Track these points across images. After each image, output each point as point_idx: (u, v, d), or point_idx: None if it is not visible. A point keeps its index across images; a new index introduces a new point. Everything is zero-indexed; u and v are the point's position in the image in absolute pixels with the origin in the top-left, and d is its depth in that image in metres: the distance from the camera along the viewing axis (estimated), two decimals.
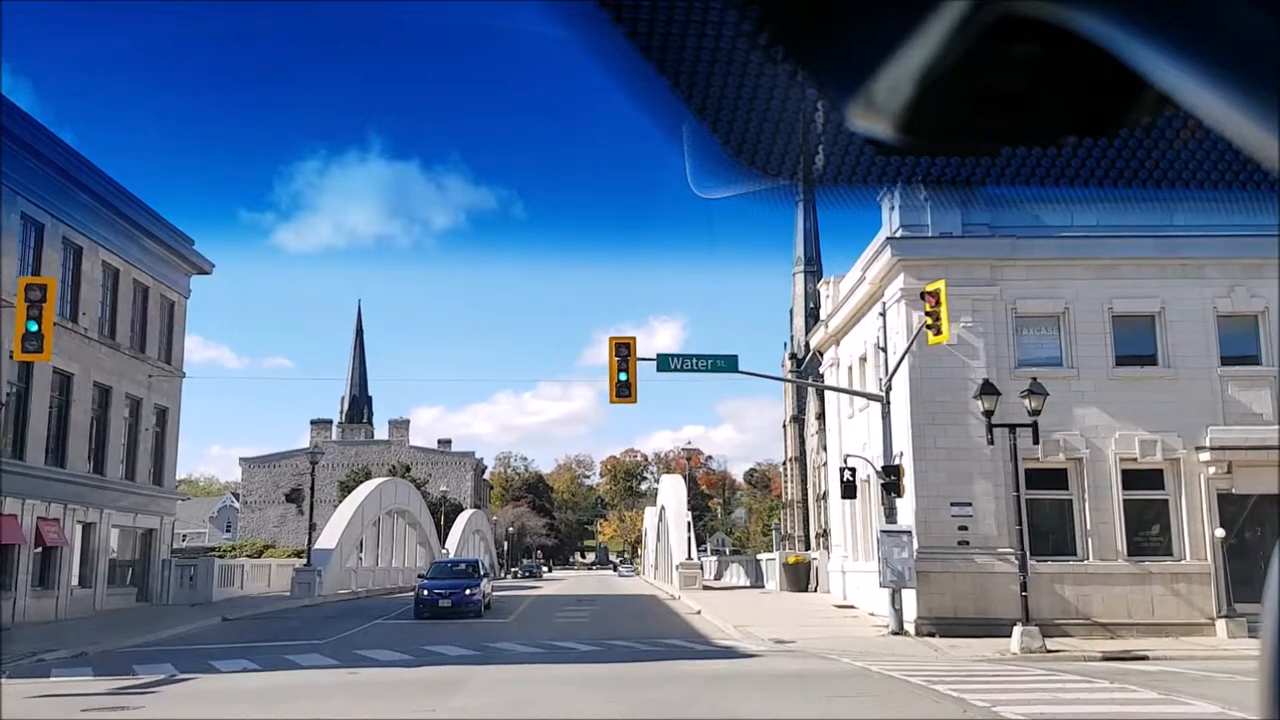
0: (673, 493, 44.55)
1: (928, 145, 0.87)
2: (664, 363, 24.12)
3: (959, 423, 24.53)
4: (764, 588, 38.95)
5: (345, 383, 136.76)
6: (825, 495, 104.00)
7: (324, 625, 25.93)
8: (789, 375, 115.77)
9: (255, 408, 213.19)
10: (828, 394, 34.35)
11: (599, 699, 13.56)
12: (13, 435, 27.04)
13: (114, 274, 32.51)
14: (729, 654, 20.60)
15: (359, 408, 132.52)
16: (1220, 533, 23.05)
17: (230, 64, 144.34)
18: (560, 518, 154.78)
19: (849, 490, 24.06)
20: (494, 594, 41.64)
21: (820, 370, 35.53)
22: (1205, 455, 24.00)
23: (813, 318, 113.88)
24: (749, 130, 0.89)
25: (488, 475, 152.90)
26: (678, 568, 36.84)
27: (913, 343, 23.34)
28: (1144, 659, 20.15)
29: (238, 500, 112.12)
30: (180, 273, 36.82)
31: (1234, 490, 23.85)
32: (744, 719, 12.17)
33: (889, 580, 23.17)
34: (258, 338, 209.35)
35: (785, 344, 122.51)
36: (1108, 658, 20.25)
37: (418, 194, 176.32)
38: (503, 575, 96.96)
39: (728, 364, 24.63)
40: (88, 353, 30.70)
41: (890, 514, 23.93)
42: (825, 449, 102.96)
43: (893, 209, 23.82)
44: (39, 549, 28.38)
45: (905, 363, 24.32)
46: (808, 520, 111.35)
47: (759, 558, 43.63)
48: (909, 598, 23.65)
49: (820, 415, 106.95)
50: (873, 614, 27.37)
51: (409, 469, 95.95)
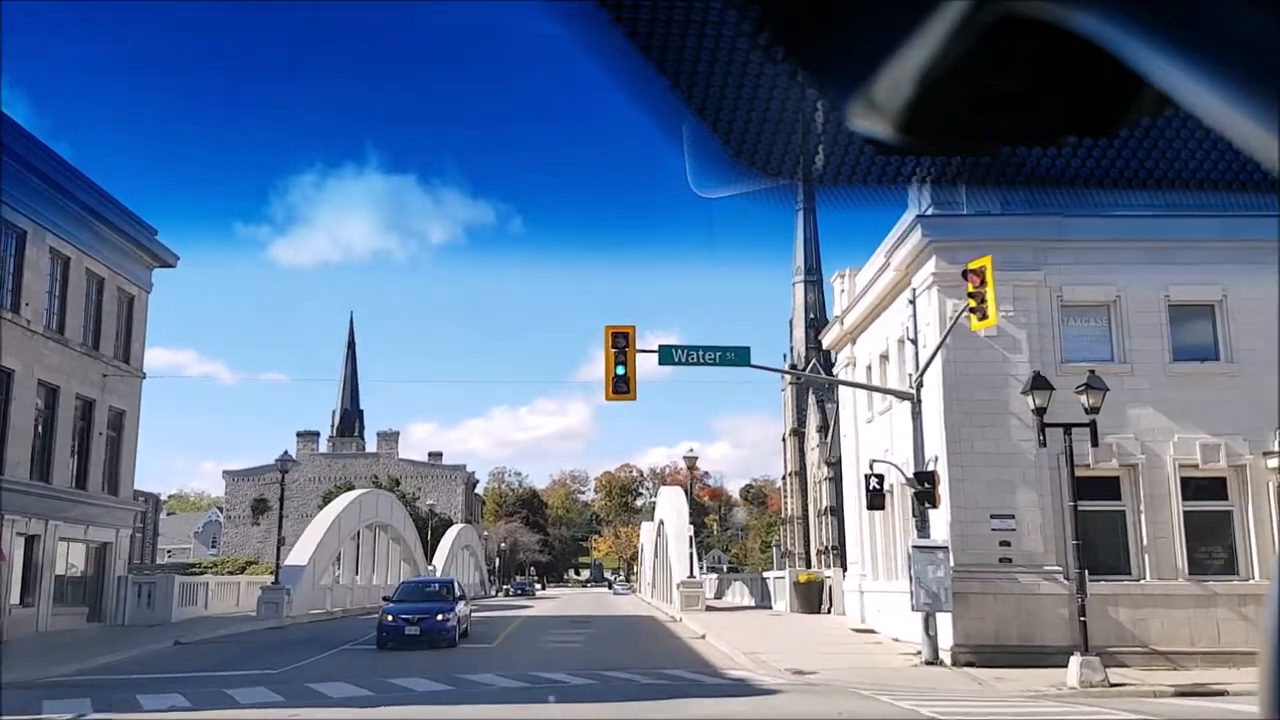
0: (672, 505, 41.77)
1: (928, 145, 0.86)
2: (666, 355, 21.35)
3: (999, 424, 21.79)
4: (771, 608, 36.08)
5: (336, 396, 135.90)
6: (828, 510, 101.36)
7: (282, 652, 23.02)
8: (789, 387, 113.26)
9: (250, 423, 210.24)
10: (842, 399, 31.65)
11: None
12: None
13: (64, 262, 29.70)
14: (743, 689, 17.75)
15: (350, 421, 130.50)
16: None
17: (227, 76, 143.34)
18: (554, 534, 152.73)
19: (876, 500, 21.26)
20: (480, 615, 38.71)
21: (833, 373, 32.75)
22: (1274, 461, 21.23)
23: (813, 328, 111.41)
24: (749, 130, 0.88)
25: (481, 490, 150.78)
26: (679, 586, 34.04)
27: (949, 332, 20.60)
28: (1222, 694, 17.34)
29: (223, 514, 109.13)
30: (140, 265, 33.99)
31: None
32: None
33: (922, 603, 20.35)
34: (252, 352, 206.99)
35: (785, 355, 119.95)
36: (1181, 693, 17.44)
37: (415, 208, 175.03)
38: (493, 593, 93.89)
39: (738, 356, 21.86)
40: (30, 347, 27.85)
41: (922, 527, 21.13)
42: (828, 463, 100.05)
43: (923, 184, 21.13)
44: None
45: (939, 357, 21.57)
46: (808, 536, 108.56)
47: (765, 576, 40.75)
48: (944, 622, 20.84)
49: (822, 428, 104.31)
50: (897, 639, 24.55)
51: (398, 482, 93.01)
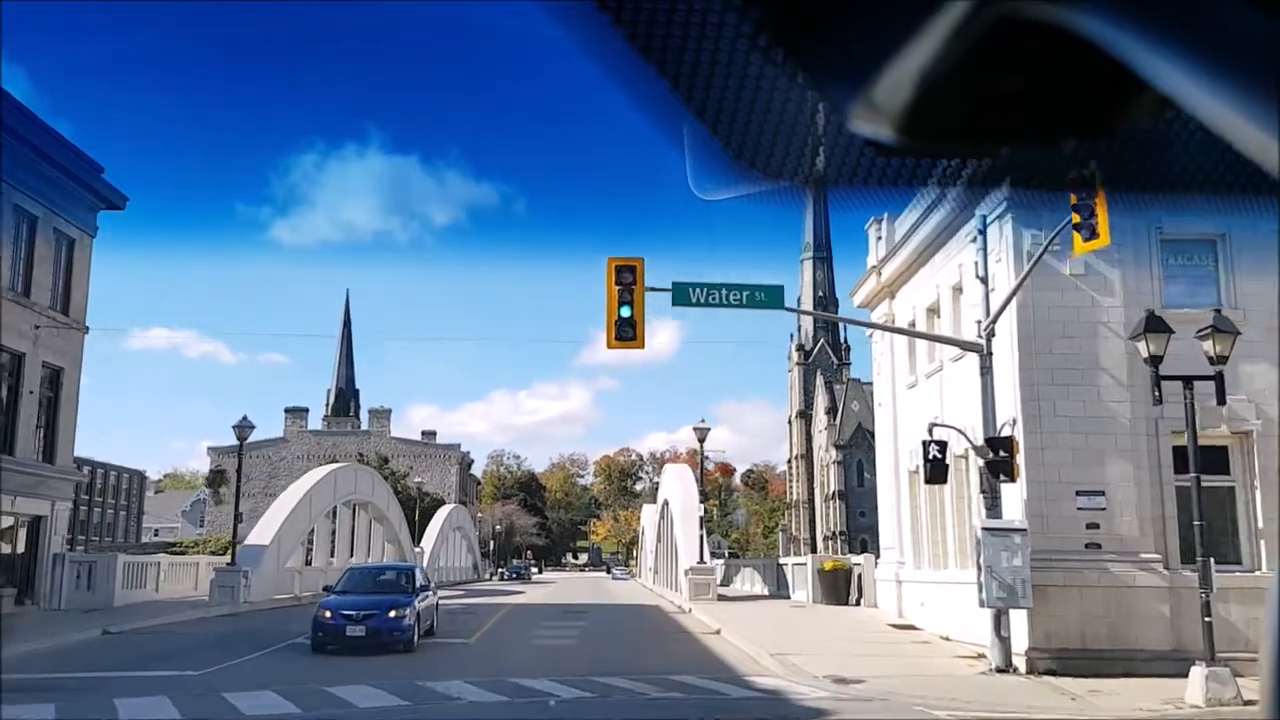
0: (679, 484, 38.00)
1: (928, 147, 0.86)
2: (682, 293, 17.45)
3: (1087, 381, 17.96)
4: (789, 598, 32.33)
5: (331, 375, 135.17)
6: (835, 494, 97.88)
7: (220, 647, 19.25)
8: (795, 368, 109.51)
9: (249, 403, 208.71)
10: (879, 363, 27.77)
11: None
12: None
13: None
14: (778, 703, 14.00)
15: (345, 400, 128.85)
16: None
17: (227, 56, 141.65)
18: (553, 517, 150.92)
19: (938, 472, 17.38)
20: (465, 602, 34.96)
21: (868, 334, 28.88)
22: None
23: (821, 306, 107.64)
24: (749, 132, 0.88)
25: (479, 473, 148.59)
26: (687, 573, 30.31)
27: (1033, 266, 16.72)
28: None
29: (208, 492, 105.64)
30: (82, 206, 30.05)
31: None
32: None
33: (995, 597, 16.56)
34: (253, 333, 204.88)
35: (792, 335, 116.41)
36: None
37: (417, 189, 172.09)
38: (488, 577, 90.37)
39: (770, 297, 17.97)
40: None
41: (993, 506, 17.31)
42: (836, 446, 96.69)
43: None
44: None
45: (1013, 303, 17.68)
46: (814, 521, 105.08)
47: (781, 562, 36.91)
48: (1017, 621, 17.08)
49: (830, 410, 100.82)
50: (948, 638, 20.80)
51: (387, 460, 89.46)
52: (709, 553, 32.23)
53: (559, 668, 16.26)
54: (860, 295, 28.45)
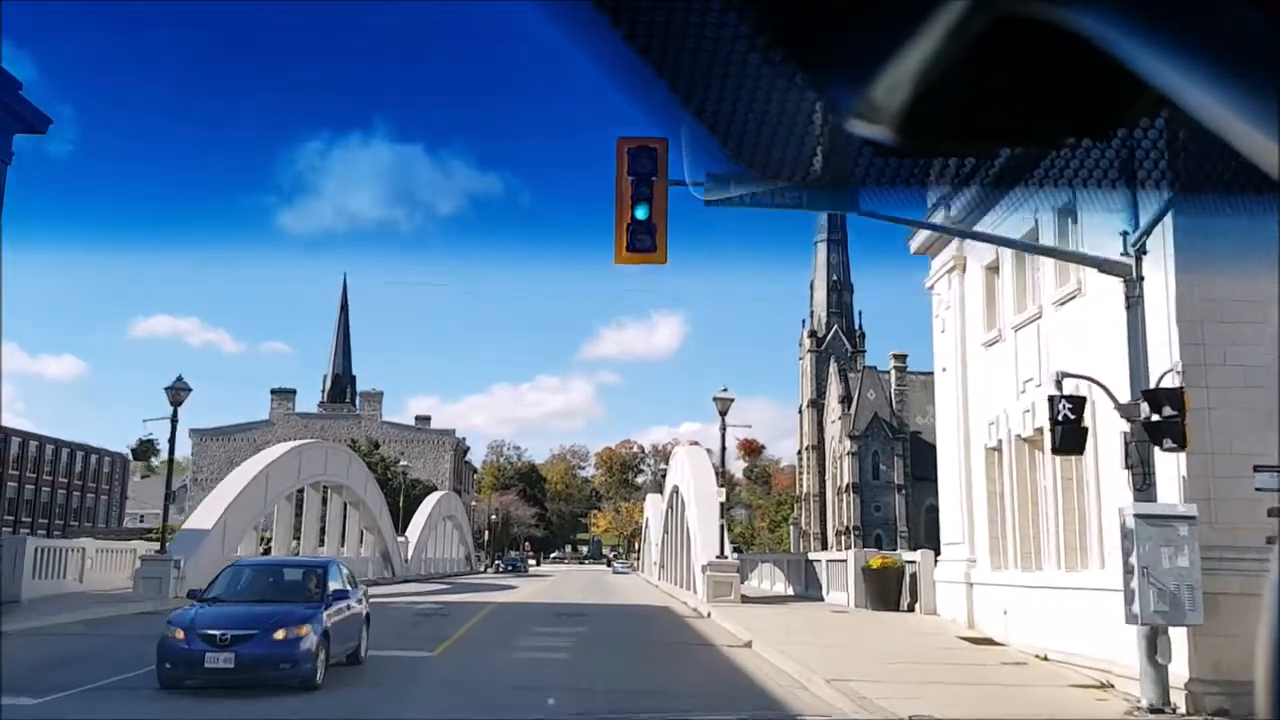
0: (692, 467, 33.21)
1: (926, 146, 0.86)
2: (721, 186, 12.62)
3: (1270, 319, 13.16)
4: (823, 599, 27.58)
5: (328, 361, 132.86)
6: (849, 487, 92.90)
7: (90, 663, 14.50)
8: (807, 355, 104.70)
9: (251, 392, 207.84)
10: (943, 320, 23.00)
11: None
12: None
13: None
14: None
15: (342, 387, 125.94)
16: None
17: (232, 43, 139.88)
18: (552, 509, 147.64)
19: (1072, 439, 12.52)
20: (443, 599, 30.26)
21: (928, 283, 24.02)
22: None
23: (835, 291, 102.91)
24: (747, 132, 0.89)
25: (478, 464, 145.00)
26: (705, 569, 25.43)
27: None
28: None
29: (190, 477, 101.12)
30: None
31: None
32: None
33: (1153, 611, 11.82)
34: (256, 322, 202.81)
35: (804, 321, 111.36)
36: None
37: (422, 179, 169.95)
38: (482, 569, 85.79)
39: (834, 200, 13.13)
40: None
41: (1145, 485, 12.52)
42: (851, 436, 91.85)
43: None
44: None
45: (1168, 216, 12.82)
46: (825, 515, 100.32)
47: (811, 558, 32.04)
48: (1177, 642, 12.34)
49: (844, 399, 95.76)
50: (1045, 658, 16.07)
51: (378, 445, 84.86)
52: (729, 546, 27.43)
53: (545, 704, 11.49)
54: (919, 239, 23.62)
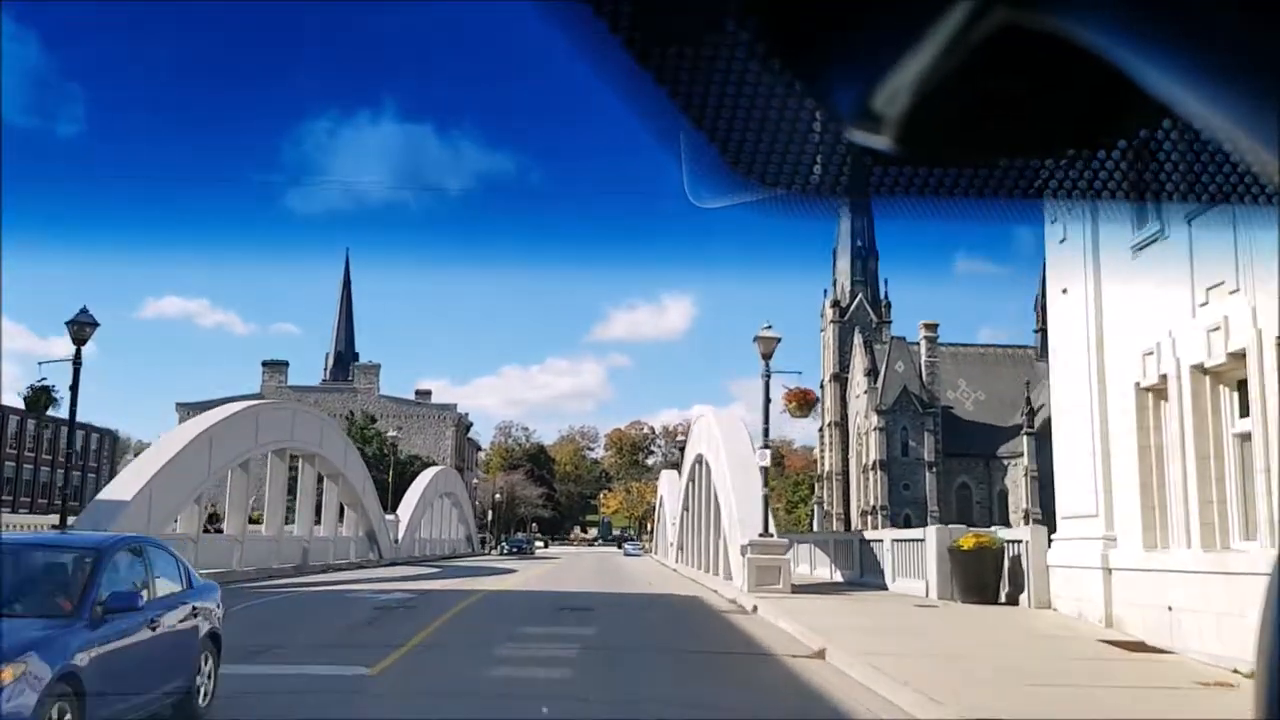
0: (722, 431, 27.67)
1: (926, 156, 0.88)
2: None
3: None
4: (887, 587, 22.28)
5: (330, 338, 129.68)
6: (876, 464, 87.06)
7: None
8: (830, 326, 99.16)
9: (260, 372, 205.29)
10: (1051, 236, 17.68)
11: None
12: None
13: None
14: None
15: (345, 364, 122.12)
16: None
17: (236, 22, 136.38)
18: (561, 490, 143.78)
19: None
20: (424, 587, 25.03)
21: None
22: None
23: (861, 257, 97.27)
24: (746, 140, 0.88)
25: (487, 447, 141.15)
26: (747, 550, 19.92)
27: None
28: None
29: None
30: None
31: None
32: None
33: None
34: (265, 303, 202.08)
35: (826, 290, 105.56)
36: None
37: (431, 158, 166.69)
38: (487, 550, 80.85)
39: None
40: None
41: None
42: (878, 411, 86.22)
43: None
44: None
45: None
46: (849, 495, 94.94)
47: (868, 537, 26.53)
48: None
49: (870, 372, 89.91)
50: (1247, 673, 10.57)
51: (374, 419, 79.82)
52: (773, 523, 21.95)
53: None
54: None
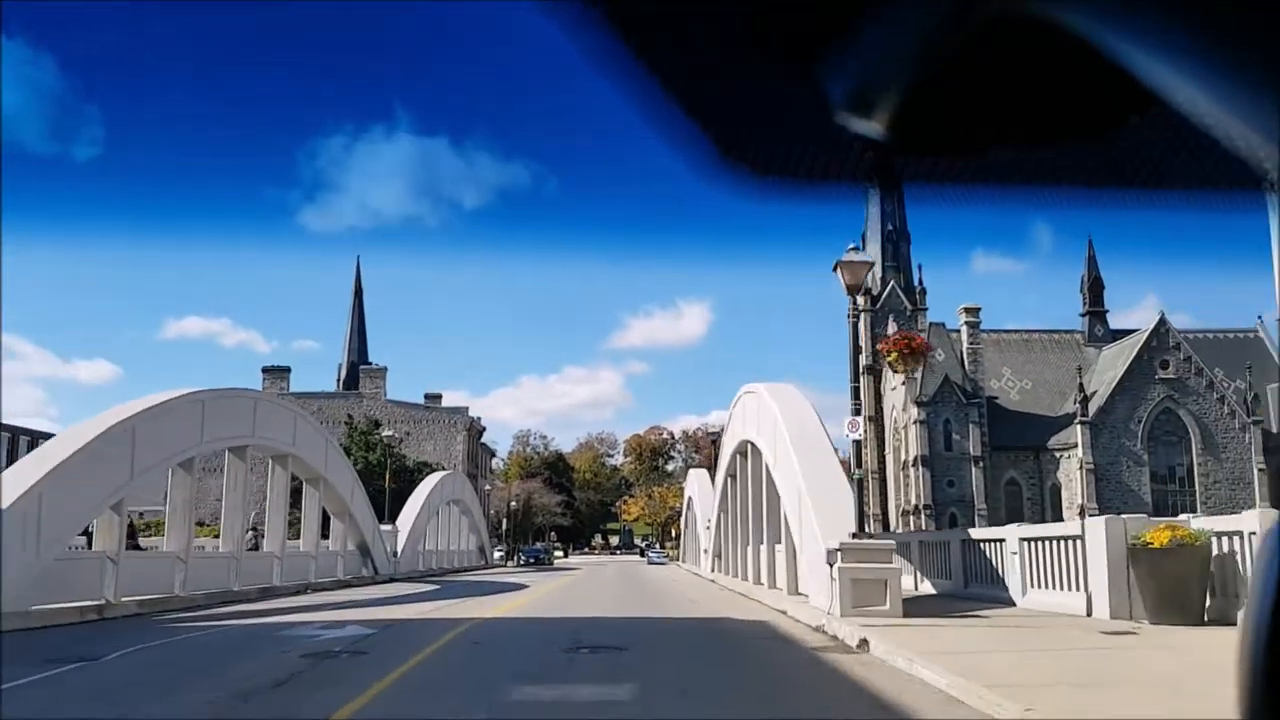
0: (781, 408, 21.78)
1: (921, 144, 0.87)
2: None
3: None
4: (1012, 601, 16.59)
5: (343, 348, 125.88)
6: (918, 460, 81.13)
7: None
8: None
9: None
10: None
11: None
12: None
13: None
14: None
15: (357, 375, 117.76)
16: None
17: (251, 39, 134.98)
18: (581, 498, 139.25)
19: None
20: (397, 616, 19.39)
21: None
22: None
23: (893, 241, 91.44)
24: (740, 130, 0.89)
25: (505, 456, 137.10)
26: (837, 556, 13.94)
27: None
28: None
29: None
30: None
31: None
32: None
33: None
34: (286, 321, 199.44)
35: None
36: None
37: (447, 171, 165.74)
38: (503, 561, 75.31)
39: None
40: None
41: None
42: (917, 403, 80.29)
43: None
44: None
45: None
46: (886, 492, 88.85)
47: (978, 537, 20.56)
48: None
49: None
50: None
51: (379, 425, 74.50)
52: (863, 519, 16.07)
53: None
54: None
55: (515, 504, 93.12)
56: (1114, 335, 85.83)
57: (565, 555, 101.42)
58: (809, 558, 17.16)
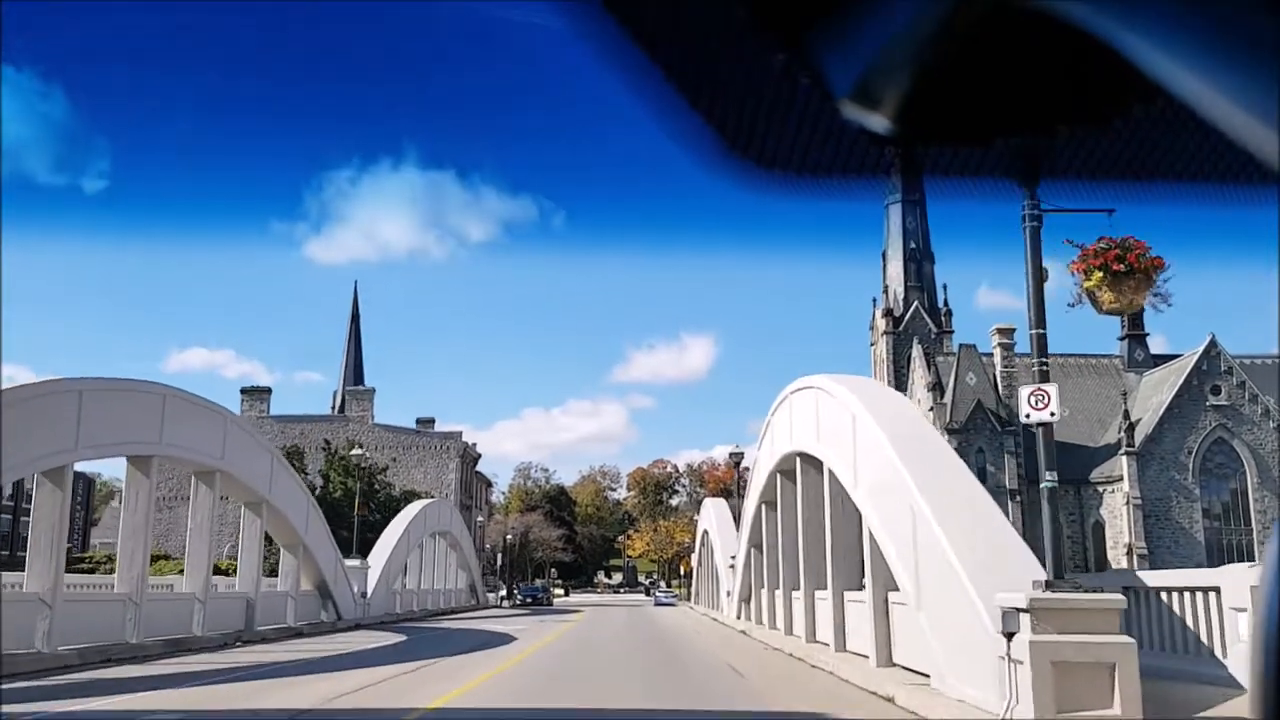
0: (865, 402, 16.01)
1: (923, 136, 0.87)
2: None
3: None
4: (1236, 683, 10.82)
5: (339, 374, 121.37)
6: None
7: None
8: (881, 339, 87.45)
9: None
10: None
11: None
12: None
13: None
14: None
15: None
16: None
17: (260, 72, 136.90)
18: (582, 532, 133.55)
19: None
20: (288, 709, 13.54)
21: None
22: None
23: (915, 260, 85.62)
24: (744, 123, 0.89)
25: (505, 489, 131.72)
26: (1018, 616, 7.89)
27: None
28: None
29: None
30: None
31: None
32: None
33: None
34: (288, 352, 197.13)
35: (875, 300, 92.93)
36: None
37: (453, 204, 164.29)
38: (499, 601, 68.96)
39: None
40: None
41: None
42: (948, 430, 74.18)
43: None
44: None
45: None
46: None
47: (1152, 582, 14.49)
48: None
49: (934, 386, 77.92)
50: None
51: (356, 447, 68.39)
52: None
53: None
54: None
55: (511, 537, 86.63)
56: (1155, 360, 79.78)
57: (565, 594, 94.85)
58: (936, 617, 11.13)
